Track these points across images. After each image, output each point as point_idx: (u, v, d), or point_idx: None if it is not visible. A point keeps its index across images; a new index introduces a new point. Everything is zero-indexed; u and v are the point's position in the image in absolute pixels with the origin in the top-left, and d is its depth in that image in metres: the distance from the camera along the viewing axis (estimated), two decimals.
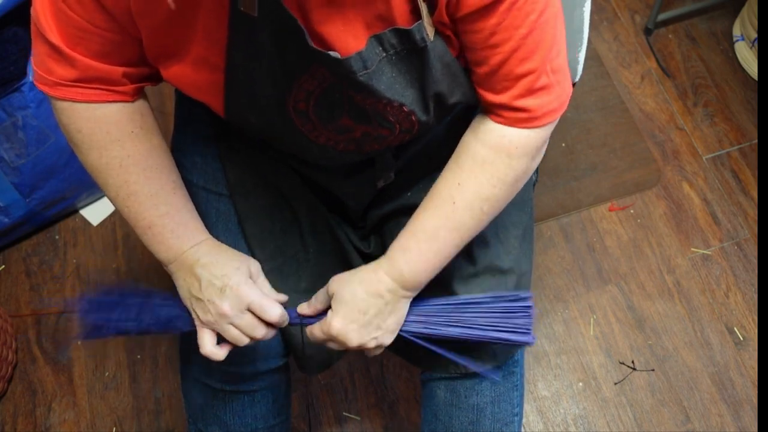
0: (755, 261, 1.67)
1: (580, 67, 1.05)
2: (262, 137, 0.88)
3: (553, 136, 1.81)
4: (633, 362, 1.57)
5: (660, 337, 1.60)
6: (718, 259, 1.68)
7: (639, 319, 1.62)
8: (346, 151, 0.84)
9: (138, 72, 0.81)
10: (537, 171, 1.15)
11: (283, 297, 0.89)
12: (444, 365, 0.98)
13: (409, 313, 0.90)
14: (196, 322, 0.87)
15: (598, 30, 1.98)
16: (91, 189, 1.71)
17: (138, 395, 1.56)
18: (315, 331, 0.86)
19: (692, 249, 1.70)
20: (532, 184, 1.14)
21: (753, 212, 1.73)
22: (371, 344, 0.86)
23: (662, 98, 1.89)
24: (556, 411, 1.53)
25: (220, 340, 0.87)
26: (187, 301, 0.87)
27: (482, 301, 0.90)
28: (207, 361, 0.97)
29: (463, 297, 0.92)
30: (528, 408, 1.53)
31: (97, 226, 1.75)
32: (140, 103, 0.85)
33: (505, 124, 0.80)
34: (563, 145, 1.82)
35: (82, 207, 1.76)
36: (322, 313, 0.88)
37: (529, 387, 1.55)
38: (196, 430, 1.07)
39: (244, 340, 0.85)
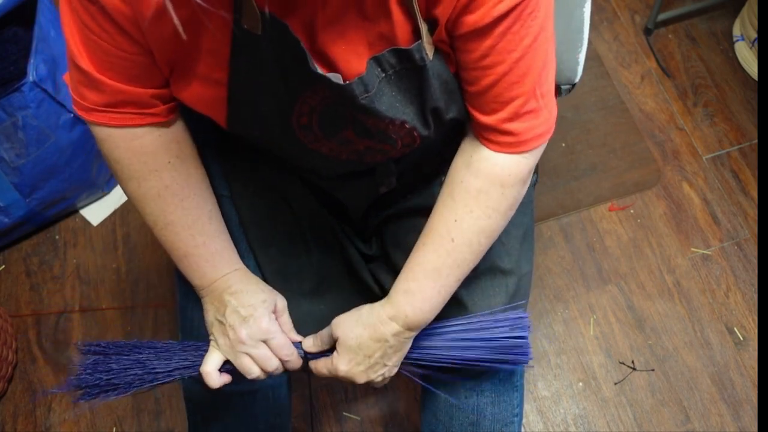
0: (755, 261, 1.67)
1: (580, 68, 1.05)
2: (263, 146, 0.88)
3: (553, 136, 1.81)
4: (633, 362, 1.57)
5: (660, 337, 1.60)
6: (718, 259, 1.68)
7: (639, 319, 1.62)
8: (349, 160, 0.85)
9: (167, 93, 0.81)
10: (537, 171, 1.15)
11: (298, 337, 0.91)
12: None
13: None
14: (211, 344, 0.88)
15: (598, 30, 1.98)
16: (91, 189, 1.71)
17: (138, 395, 1.56)
18: (321, 369, 0.88)
19: (692, 249, 1.70)
20: (532, 185, 1.14)
21: (753, 212, 1.73)
22: (378, 380, 0.88)
23: (662, 98, 1.89)
24: (556, 411, 1.53)
25: (224, 370, 0.88)
26: (210, 325, 0.88)
27: (478, 324, 0.91)
28: None
29: (457, 321, 0.92)
30: (528, 408, 1.53)
31: (97, 226, 1.75)
32: (176, 130, 0.85)
33: (495, 150, 0.80)
34: (563, 145, 1.82)
35: (82, 207, 1.76)
36: (327, 350, 0.90)
37: (529, 387, 1.55)
38: (197, 429, 1.07)
39: (254, 372, 0.86)
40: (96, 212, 1.76)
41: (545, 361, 1.58)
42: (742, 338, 1.59)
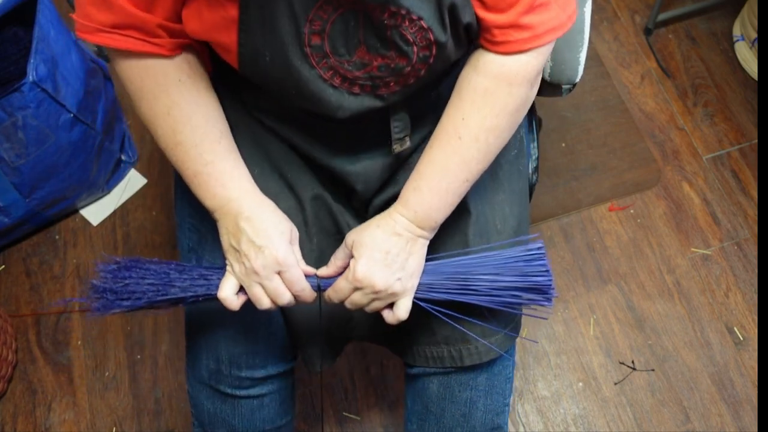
0: (755, 261, 1.67)
1: (580, 68, 1.05)
2: (275, 89, 0.86)
3: (553, 136, 1.82)
4: (633, 362, 1.57)
5: (660, 337, 1.60)
6: (718, 259, 1.68)
7: (639, 319, 1.62)
8: (363, 94, 0.84)
9: (175, 27, 0.81)
10: (537, 171, 1.15)
11: (311, 269, 0.90)
12: (439, 359, 0.98)
13: (424, 276, 0.90)
14: (227, 269, 0.87)
15: (598, 30, 1.98)
16: (91, 189, 1.71)
17: (138, 395, 1.56)
18: (340, 282, 0.87)
19: (692, 249, 1.70)
20: (532, 184, 1.14)
21: (753, 212, 1.73)
22: (396, 286, 0.86)
23: (662, 98, 1.89)
24: (556, 411, 1.53)
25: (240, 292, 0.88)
26: (225, 250, 0.88)
27: (494, 257, 0.91)
28: (217, 365, 0.98)
29: (469, 257, 0.92)
30: (528, 408, 1.53)
31: (97, 226, 1.75)
32: (188, 54, 0.86)
33: (505, 52, 0.81)
34: (563, 145, 1.82)
35: (82, 207, 1.76)
36: (342, 273, 0.90)
37: (529, 387, 1.55)
38: None
39: (264, 303, 0.85)
40: (96, 212, 1.76)
41: (545, 361, 1.58)
42: (742, 338, 1.59)
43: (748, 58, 1.90)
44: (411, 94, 0.88)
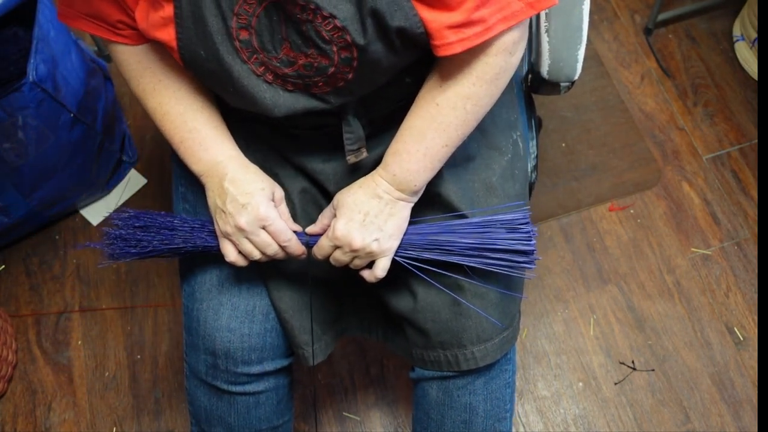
0: (755, 261, 1.67)
1: (579, 65, 1.05)
2: (216, 87, 0.88)
3: (553, 136, 1.82)
4: (633, 362, 1.57)
5: (660, 337, 1.60)
6: (718, 259, 1.68)
7: (639, 319, 1.62)
8: (297, 92, 0.85)
9: (134, 24, 0.85)
10: (536, 170, 1.15)
11: (297, 227, 0.94)
12: (436, 362, 0.98)
13: (407, 238, 0.93)
14: (218, 233, 0.92)
15: (598, 30, 1.98)
16: (91, 189, 1.71)
17: (138, 395, 1.56)
18: (322, 241, 0.91)
19: (692, 249, 1.70)
20: (531, 182, 1.14)
21: (753, 212, 1.73)
22: (374, 246, 0.88)
23: (662, 98, 1.89)
24: (556, 411, 1.53)
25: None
26: (213, 211, 0.92)
27: (480, 223, 0.94)
28: (213, 359, 0.98)
29: (454, 222, 0.94)
30: (528, 408, 1.53)
31: (97, 226, 1.75)
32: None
33: (462, 50, 0.79)
34: (563, 145, 1.82)
35: (82, 207, 1.76)
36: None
37: (529, 387, 1.55)
38: (200, 431, 1.07)
39: (255, 255, 0.90)
40: (96, 212, 1.76)
41: (545, 361, 1.58)
42: (742, 338, 1.59)
43: (748, 58, 1.90)
44: (364, 106, 0.90)
